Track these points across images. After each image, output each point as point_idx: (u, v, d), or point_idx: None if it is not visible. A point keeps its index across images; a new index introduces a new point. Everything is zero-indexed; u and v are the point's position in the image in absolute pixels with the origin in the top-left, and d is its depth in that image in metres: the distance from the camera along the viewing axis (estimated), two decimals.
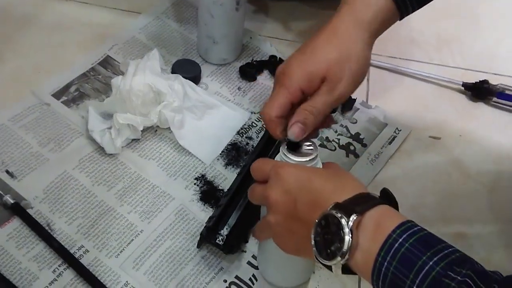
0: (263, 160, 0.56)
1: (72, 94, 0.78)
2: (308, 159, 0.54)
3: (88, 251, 0.63)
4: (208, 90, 0.82)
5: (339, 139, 0.79)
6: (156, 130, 0.76)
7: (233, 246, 0.63)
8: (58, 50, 0.84)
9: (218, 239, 0.62)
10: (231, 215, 0.65)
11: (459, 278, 0.40)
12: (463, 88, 0.87)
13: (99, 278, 0.61)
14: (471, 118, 0.85)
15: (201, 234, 0.64)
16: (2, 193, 0.66)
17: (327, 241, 0.46)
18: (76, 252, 0.63)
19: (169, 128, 0.74)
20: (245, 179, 0.68)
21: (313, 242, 0.47)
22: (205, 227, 0.64)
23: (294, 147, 0.55)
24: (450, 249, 0.42)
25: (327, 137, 0.79)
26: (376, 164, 0.77)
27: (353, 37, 0.57)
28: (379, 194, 0.49)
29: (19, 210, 0.65)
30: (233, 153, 0.75)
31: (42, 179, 0.69)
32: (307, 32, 0.92)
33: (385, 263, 0.43)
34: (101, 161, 0.71)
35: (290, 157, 0.54)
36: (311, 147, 0.55)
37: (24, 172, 0.69)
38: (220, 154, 0.75)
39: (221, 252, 0.64)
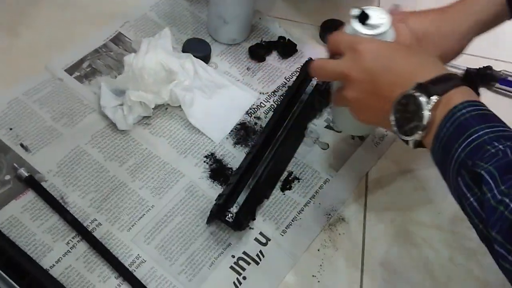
0: (340, 33, 0.56)
1: (84, 70, 0.79)
2: (380, 31, 0.52)
3: (100, 224, 0.66)
4: (217, 69, 0.84)
5: None
6: (167, 108, 0.77)
7: (241, 223, 0.66)
8: (70, 25, 0.84)
9: (227, 216, 0.65)
10: (240, 193, 0.67)
11: (501, 147, 0.43)
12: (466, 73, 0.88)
13: (111, 250, 0.63)
14: None
15: (211, 211, 0.66)
16: (17, 166, 0.68)
17: (406, 118, 0.50)
18: (89, 225, 0.65)
19: (179, 107, 0.76)
20: (254, 159, 0.70)
21: (393, 118, 0.50)
22: (215, 204, 0.66)
23: (364, 19, 0.53)
24: (505, 128, 0.46)
25: (333, 119, 0.81)
26: (380, 146, 0.79)
27: (457, 20, 0.62)
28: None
29: (33, 183, 0.67)
30: (242, 133, 0.77)
31: (56, 153, 0.71)
32: (316, 13, 0.93)
33: (444, 128, 0.47)
34: (113, 137, 0.73)
35: (361, 31, 0.52)
36: (383, 17, 0.53)
37: (38, 146, 0.71)
38: (229, 133, 0.76)
39: (230, 228, 0.66)
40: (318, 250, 0.68)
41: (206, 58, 0.83)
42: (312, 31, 0.91)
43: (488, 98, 0.87)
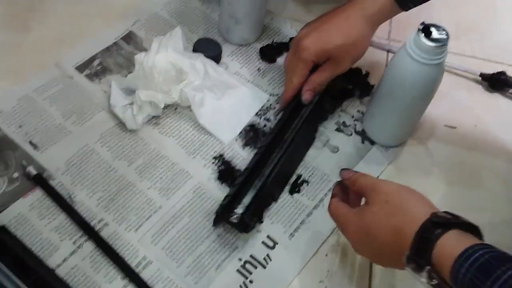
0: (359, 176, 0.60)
1: (95, 68, 0.79)
2: (440, 44, 0.64)
3: (108, 224, 0.65)
4: (228, 70, 0.83)
5: (355, 125, 0.80)
6: (177, 108, 0.77)
7: (247, 225, 0.65)
8: (81, 22, 0.84)
9: (232, 217, 0.64)
10: (246, 194, 0.66)
11: None
12: (480, 78, 0.87)
13: (118, 251, 0.63)
14: (487, 109, 0.85)
15: (216, 212, 0.66)
16: (25, 163, 0.68)
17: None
18: (96, 225, 0.65)
19: (189, 107, 0.76)
20: (261, 160, 0.69)
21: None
22: (220, 205, 0.66)
23: (427, 33, 0.64)
24: None
25: (343, 122, 0.80)
26: (390, 151, 0.78)
27: (359, 29, 0.71)
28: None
29: (41, 181, 0.67)
30: (251, 134, 0.76)
31: (65, 151, 0.70)
32: None
33: (463, 270, 0.45)
34: (122, 136, 0.73)
35: (426, 43, 0.64)
36: (444, 33, 0.65)
37: (47, 144, 0.71)
38: (239, 134, 0.76)
39: (237, 231, 0.66)
40: (326, 255, 0.67)
41: (216, 58, 0.82)
42: None
43: (502, 104, 0.86)
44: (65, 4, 0.86)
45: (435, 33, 0.65)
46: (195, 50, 0.82)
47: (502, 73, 0.86)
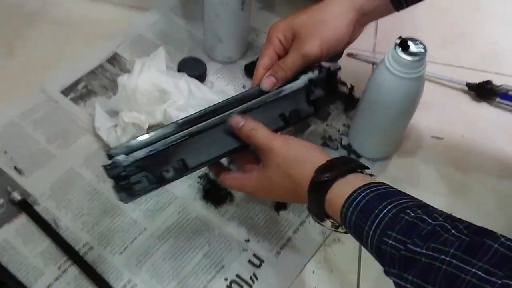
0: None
1: (80, 91, 0.80)
2: (418, 58, 0.64)
3: (92, 248, 0.65)
4: (213, 88, 0.83)
5: (341, 139, 0.80)
6: None
7: (130, 185, 0.56)
8: (66, 45, 0.85)
9: (108, 166, 0.55)
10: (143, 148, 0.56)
11: (407, 218, 0.44)
12: (466, 88, 0.87)
13: (102, 275, 0.63)
14: (474, 118, 0.85)
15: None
16: (10, 189, 0.68)
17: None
18: (81, 249, 0.65)
19: None
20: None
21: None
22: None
23: (405, 47, 0.64)
24: (406, 200, 0.47)
25: (329, 136, 0.80)
26: (377, 164, 0.78)
27: (336, 11, 0.63)
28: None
29: (26, 206, 0.67)
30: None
31: (49, 175, 0.71)
32: None
33: (349, 213, 0.48)
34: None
35: (404, 57, 0.63)
36: (421, 46, 0.65)
37: (32, 169, 0.71)
38: None
39: (222, 250, 0.65)
40: (313, 272, 0.67)
41: (201, 77, 0.82)
42: None
43: (489, 113, 0.86)
44: (49, 28, 0.87)
45: (412, 47, 0.65)
46: (179, 69, 0.82)
47: (488, 82, 0.86)
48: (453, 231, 0.42)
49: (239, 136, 0.59)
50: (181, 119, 0.59)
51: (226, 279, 0.65)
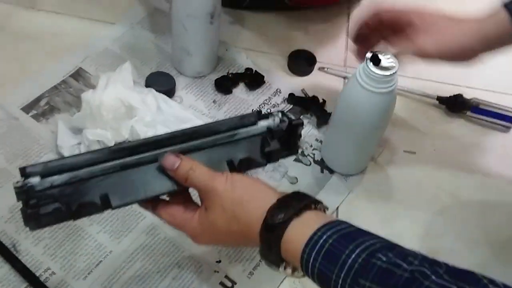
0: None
1: (42, 108, 0.76)
2: (390, 72, 0.63)
3: (54, 273, 0.62)
4: (182, 103, 0.81)
5: (314, 154, 0.78)
6: None
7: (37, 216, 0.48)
8: (27, 60, 0.82)
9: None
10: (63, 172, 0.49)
11: (379, 263, 0.41)
12: (437, 101, 0.87)
13: None
14: (446, 132, 0.85)
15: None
16: None
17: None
18: (42, 275, 0.62)
19: None
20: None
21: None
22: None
23: (376, 61, 0.63)
24: (374, 241, 0.43)
25: (302, 152, 0.78)
26: (350, 179, 0.76)
27: (460, 24, 0.64)
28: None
29: None
30: None
31: (9, 197, 0.65)
32: (282, 43, 0.91)
33: (311, 259, 0.44)
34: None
35: (376, 71, 0.62)
36: (392, 61, 0.63)
37: None
38: None
39: (192, 273, 0.63)
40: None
41: (170, 92, 0.80)
42: (280, 62, 0.89)
43: (461, 126, 0.86)
44: (9, 43, 0.83)
45: (384, 61, 0.64)
46: (147, 84, 0.80)
47: (459, 96, 0.86)
48: (433, 277, 0.39)
49: (175, 179, 0.51)
50: (115, 145, 0.52)
51: None
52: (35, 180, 0.48)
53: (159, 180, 0.51)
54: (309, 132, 0.81)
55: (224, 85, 0.84)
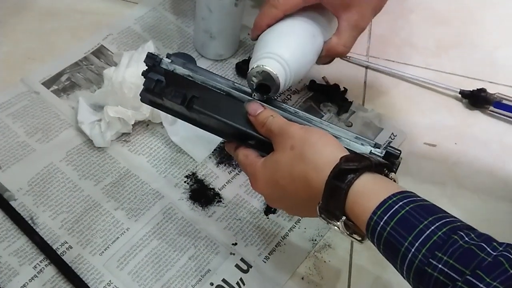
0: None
1: (63, 84, 0.76)
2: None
3: (71, 247, 0.62)
4: None
5: None
6: (148, 125, 0.74)
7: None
8: (51, 37, 0.81)
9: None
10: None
11: (461, 242, 0.38)
12: (460, 95, 0.86)
13: (81, 276, 0.59)
14: (467, 126, 0.84)
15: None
16: None
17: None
18: (59, 248, 0.61)
19: (161, 123, 0.73)
20: None
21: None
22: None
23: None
24: (453, 218, 0.41)
25: None
26: None
27: None
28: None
29: (1, 201, 0.63)
30: (226, 152, 0.73)
31: (28, 170, 0.67)
32: None
33: (381, 222, 0.41)
34: (90, 154, 0.69)
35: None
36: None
37: (9, 162, 0.67)
38: (212, 152, 0.73)
39: (208, 253, 0.62)
40: (302, 278, 0.64)
41: None
42: None
43: (482, 121, 0.85)
44: (35, 19, 0.83)
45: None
46: None
47: (482, 90, 0.85)
48: None
49: (253, 123, 0.53)
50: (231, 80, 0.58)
51: (212, 284, 0.62)
52: (166, 60, 0.58)
53: (239, 118, 0.55)
54: (329, 120, 0.80)
55: (245, 69, 0.82)
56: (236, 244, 0.65)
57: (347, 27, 0.64)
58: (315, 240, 0.67)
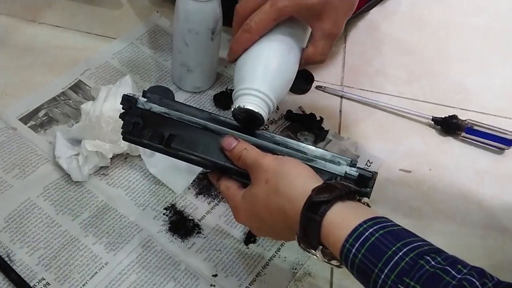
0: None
1: (40, 119, 0.76)
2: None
3: (49, 284, 0.61)
4: None
5: None
6: (126, 158, 0.74)
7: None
8: (28, 72, 0.82)
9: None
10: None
11: (427, 267, 0.40)
12: (433, 122, 0.88)
13: None
14: (441, 153, 0.86)
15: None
16: None
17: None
18: (36, 285, 0.61)
19: (139, 156, 0.73)
20: None
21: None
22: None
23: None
24: (422, 243, 0.43)
25: None
26: None
27: None
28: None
29: None
30: (205, 182, 0.73)
31: (4, 207, 0.66)
32: None
33: (353, 250, 0.43)
34: (67, 189, 0.69)
35: None
36: None
37: None
38: (192, 183, 0.73)
39: (188, 286, 0.62)
40: None
41: None
42: None
43: (455, 147, 0.87)
44: (11, 55, 0.83)
45: None
46: None
47: (453, 117, 0.87)
48: None
49: (229, 158, 0.55)
50: (215, 113, 0.60)
51: None
52: (142, 99, 0.58)
53: (216, 151, 0.57)
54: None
55: (223, 100, 0.84)
56: (216, 275, 0.65)
57: (321, 36, 0.65)
58: (295, 268, 0.67)
